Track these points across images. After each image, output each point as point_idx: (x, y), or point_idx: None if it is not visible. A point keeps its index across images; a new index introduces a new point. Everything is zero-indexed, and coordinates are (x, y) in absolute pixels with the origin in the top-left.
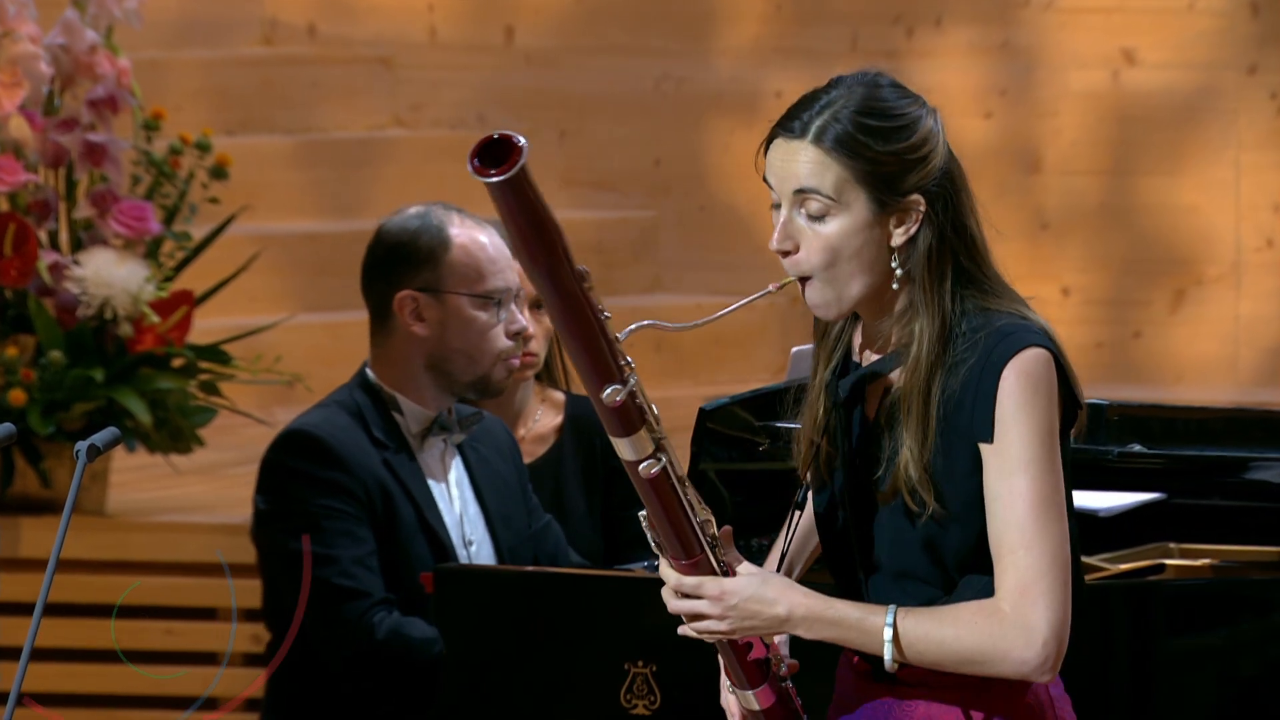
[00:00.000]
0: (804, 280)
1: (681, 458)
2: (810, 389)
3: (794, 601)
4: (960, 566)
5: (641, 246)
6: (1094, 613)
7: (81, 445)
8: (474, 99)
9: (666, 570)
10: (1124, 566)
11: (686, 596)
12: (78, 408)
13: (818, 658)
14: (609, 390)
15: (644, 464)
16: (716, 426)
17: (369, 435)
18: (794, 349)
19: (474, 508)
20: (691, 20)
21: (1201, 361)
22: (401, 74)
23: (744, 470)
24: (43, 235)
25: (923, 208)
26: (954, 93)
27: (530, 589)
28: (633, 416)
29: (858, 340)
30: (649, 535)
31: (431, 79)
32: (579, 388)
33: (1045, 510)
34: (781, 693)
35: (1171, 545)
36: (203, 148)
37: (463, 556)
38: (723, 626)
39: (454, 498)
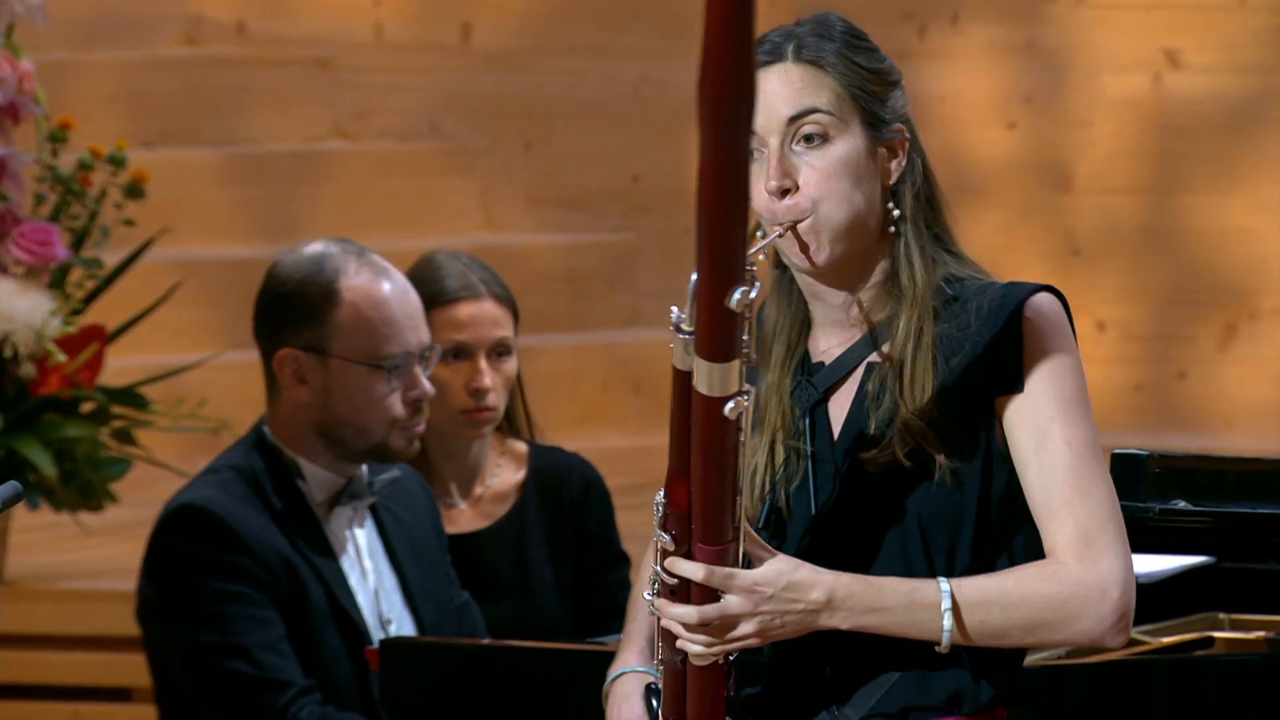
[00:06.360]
0: (795, 229)
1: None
2: (762, 398)
3: (833, 583)
4: (951, 552)
5: (617, 274)
6: (1136, 691)
7: None
8: (426, 106)
9: (684, 563)
10: (1168, 640)
11: (701, 596)
12: None
13: None
14: (737, 294)
15: (730, 403)
16: None
17: (268, 507)
18: None
19: (390, 580)
20: (674, 18)
21: (1254, 405)
22: (343, 78)
23: None
24: None
25: (907, 137)
26: (973, 99)
27: (487, 665)
28: (738, 340)
29: (815, 344)
30: (659, 513)
31: (377, 83)
32: (543, 437)
33: (1094, 455)
34: None
35: (1221, 615)
36: (116, 162)
37: (378, 638)
38: (751, 628)
39: (368, 570)
